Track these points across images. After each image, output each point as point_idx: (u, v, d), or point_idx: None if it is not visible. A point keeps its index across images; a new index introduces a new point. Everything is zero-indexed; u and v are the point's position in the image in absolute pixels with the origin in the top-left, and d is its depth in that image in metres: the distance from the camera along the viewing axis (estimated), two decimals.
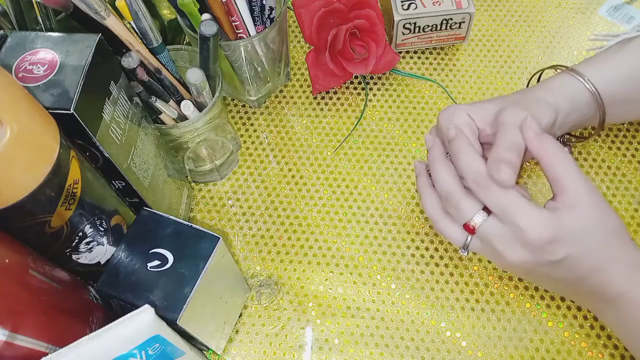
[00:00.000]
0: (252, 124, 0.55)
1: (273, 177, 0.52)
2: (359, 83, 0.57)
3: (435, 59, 0.59)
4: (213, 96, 0.45)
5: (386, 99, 0.56)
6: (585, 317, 0.43)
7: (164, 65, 0.43)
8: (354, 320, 0.45)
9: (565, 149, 0.37)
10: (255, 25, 0.49)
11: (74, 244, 0.34)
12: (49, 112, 0.30)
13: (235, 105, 0.57)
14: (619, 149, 0.51)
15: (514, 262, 0.37)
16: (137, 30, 0.42)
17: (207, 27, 0.41)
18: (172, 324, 0.34)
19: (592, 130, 0.46)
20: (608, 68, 0.43)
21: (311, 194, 0.51)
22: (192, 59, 0.48)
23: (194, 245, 0.36)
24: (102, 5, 0.36)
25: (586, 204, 0.35)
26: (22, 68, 0.32)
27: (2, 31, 0.34)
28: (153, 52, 0.42)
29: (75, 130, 0.32)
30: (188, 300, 0.34)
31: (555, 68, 0.46)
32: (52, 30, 0.40)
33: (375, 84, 0.57)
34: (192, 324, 0.36)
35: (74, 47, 0.33)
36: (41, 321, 0.30)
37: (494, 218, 0.36)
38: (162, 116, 0.43)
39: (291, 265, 0.47)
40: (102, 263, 0.37)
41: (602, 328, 0.43)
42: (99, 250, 0.36)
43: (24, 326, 0.28)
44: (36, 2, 0.39)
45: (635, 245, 0.37)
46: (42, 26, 0.40)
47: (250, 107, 0.56)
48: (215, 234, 0.37)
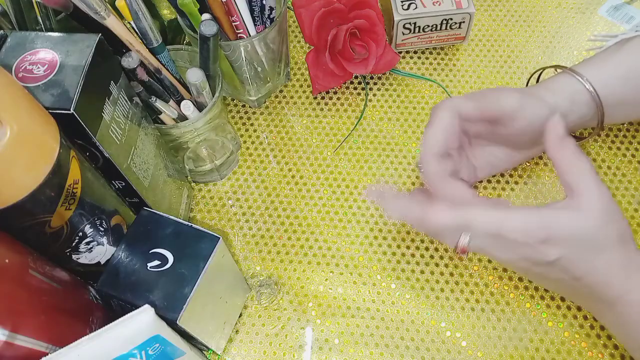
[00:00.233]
0: (252, 124, 0.55)
1: (273, 177, 0.52)
2: (359, 83, 0.57)
3: (435, 59, 0.59)
4: (213, 96, 0.45)
5: (386, 99, 0.56)
6: (585, 317, 0.43)
7: (164, 65, 0.43)
8: (354, 320, 0.45)
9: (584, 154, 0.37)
10: (255, 25, 0.49)
11: (74, 244, 0.34)
12: (49, 112, 0.30)
13: (235, 105, 0.57)
14: (619, 149, 0.51)
15: (509, 263, 0.38)
16: (137, 30, 0.42)
17: (207, 27, 0.41)
18: (172, 324, 0.34)
19: (592, 130, 0.46)
20: (607, 68, 0.43)
21: (311, 194, 0.51)
22: (192, 59, 0.48)
23: (194, 245, 0.36)
24: (102, 5, 0.36)
25: (593, 212, 0.35)
26: (22, 68, 0.32)
27: (2, 31, 0.34)
28: (153, 52, 0.42)
29: (75, 130, 0.32)
30: (188, 300, 0.34)
31: (555, 68, 0.46)
32: (52, 30, 0.40)
33: (375, 84, 0.57)
34: (192, 324, 0.36)
35: (74, 47, 0.33)
36: (41, 321, 0.30)
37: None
38: (162, 116, 0.43)
39: (291, 265, 0.47)
40: (102, 263, 0.37)
41: (602, 328, 0.43)
42: (99, 250, 0.36)
43: (24, 326, 0.28)
44: (36, 2, 0.39)
45: (638, 251, 0.37)
46: (42, 26, 0.40)
47: (250, 107, 0.56)
48: (215, 234, 0.37)
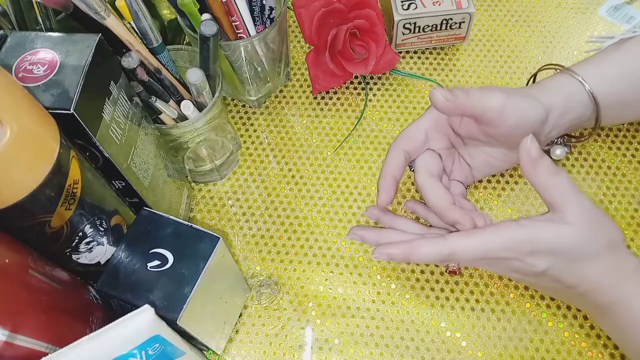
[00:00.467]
0: (252, 124, 0.55)
1: (273, 177, 0.52)
2: (359, 83, 0.57)
3: (435, 59, 0.59)
4: (213, 96, 0.45)
5: (386, 99, 0.56)
6: (585, 317, 0.43)
7: (164, 65, 0.43)
8: (354, 320, 0.45)
9: (562, 168, 0.38)
10: (255, 25, 0.49)
11: (74, 244, 0.34)
12: (49, 112, 0.30)
13: (235, 105, 0.57)
14: (619, 149, 0.51)
15: (502, 274, 0.38)
16: (137, 30, 0.42)
17: (207, 27, 0.41)
18: (172, 324, 0.34)
19: (591, 130, 0.46)
20: (604, 68, 0.43)
21: (311, 194, 0.51)
22: (192, 59, 0.48)
23: (194, 245, 0.36)
24: (102, 5, 0.36)
25: (576, 223, 0.35)
26: (22, 68, 0.32)
27: (2, 31, 0.34)
28: (153, 52, 0.42)
29: (75, 130, 0.32)
30: (188, 300, 0.34)
31: (555, 68, 0.46)
32: (52, 30, 0.40)
33: (375, 84, 0.57)
34: (192, 324, 0.36)
35: (74, 47, 0.33)
36: (41, 321, 0.30)
37: None
38: (162, 116, 0.43)
39: (291, 265, 0.47)
40: (102, 263, 0.37)
41: None
42: (99, 250, 0.36)
43: (24, 326, 0.28)
44: (36, 2, 0.39)
45: (631, 254, 0.37)
46: (42, 26, 0.40)
47: (250, 107, 0.56)
48: (215, 234, 0.37)
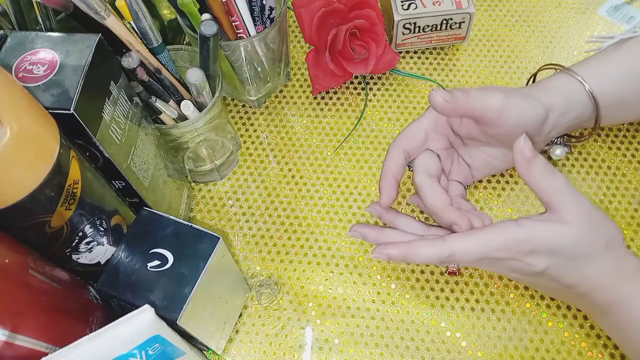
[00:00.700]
0: (252, 124, 0.55)
1: (273, 177, 0.52)
2: (359, 83, 0.57)
3: (435, 59, 0.59)
4: (213, 96, 0.45)
5: (386, 99, 0.56)
6: (585, 317, 0.43)
7: (164, 65, 0.43)
8: (354, 320, 0.45)
9: (557, 168, 0.38)
10: (255, 25, 0.49)
11: (74, 244, 0.34)
12: (49, 112, 0.30)
13: (235, 105, 0.57)
14: (619, 149, 0.51)
15: (501, 274, 0.38)
16: (137, 30, 0.42)
17: (207, 27, 0.41)
18: (172, 324, 0.34)
19: (591, 130, 0.46)
20: (604, 68, 0.43)
21: (311, 194, 0.51)
22: (192, 59, 0.48)
23: (194, 245, 0.36)
24: (102, 5, 0.36)
25: (574, 223, 0.35)
26: (22, 68, 0.32)
27: (2, 31, 0.34)
28: (153, 52, 0.42)
29: (75, 130, 0.32)
30: (188, 300, 0.34)
31: (555, 68, 0.46)
32: (52, 30, 0.40)
33: (375, 84, 0.57)
34: (192, 324, 0.36)
35: (74, 47, 0.33)
36: (41, 321, 0.30)
37: None
38: (162, 116, 0.43)
39: (291, 265, 0.47)
40: (102, 263, 0.37)
41: None
42: (99, 250, 0.36)
43: (24, 326, 0.28)
44: (36, 2, 0.39)
45: (630, 254, 0.37)
46: (42, 26, 0.40)
47: (250, 107, 0.56)
48: (215, 234, 0.37)
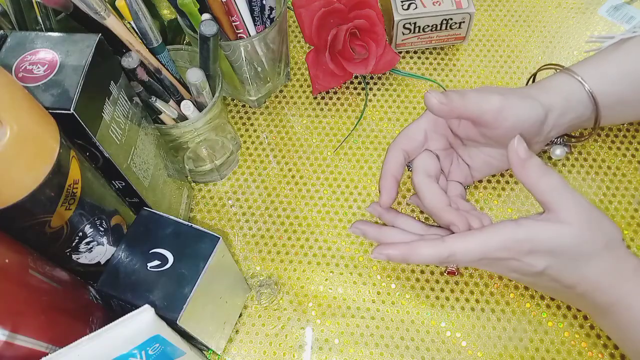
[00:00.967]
0: (252, 124, 0.55)
1: (273, 177, 0.52)
2: (359, 83, 0.57)
3: (435, 59, 0.59)
4: (213, 96, 0.45)
5: (386, 99, 0.56)
6: (585, 317, 0.43)
7: (164, 65, 0.43)
8: (354, 320, 0.45)
9: (552, 166, 0.38)
10: (255, 25, 0.49)
11: (74, 244, 0.34)
12: (49, 112, 0.30)
13: (235, 105, 0.57)
14: (619, 149, 0.51)
15: (501, 274, 0.38)
16: (137, 30, 0.42)
17: (207, 27, 0.41)
18: (172, 324, 0.34)
19: (591, 130, 0.46)
20: (603, 68, 0.43)
21: (311, 194, 0.51)
22: (192, 59, 0.48)
23: (194, 245, 0.36)
24: (102, 5, 0.36)
25: (573, 222, 0.35)
26: (22, 68, 0.32)
27: (2, 31, 0.34)
28: (153, 52, 0.42)
29: (75, 130, 0.32)
30: (188, 300, 0.34)
31: (555, 68, 0.46)
32: (52, 30, 0.40)
33: (375, 84, 0.57)
34: (192, 324, 0.36)
35: (74, 47, 0.33)
36: (41, 321, 0.30)
37: None
38: (162, 116, 0.43)
39: (291, 265, 0.47)
40: (102, 263, 0.37)
41: None
42: (99, 250, 0.36)
43: (24, 326, 0.28)
44: (36, 2, 0.39)
45: (630, 254, 0.37)
46: (42, 26, 0.40)
47: (250, 107, 0.56)
48: (215, 234, 0.37)
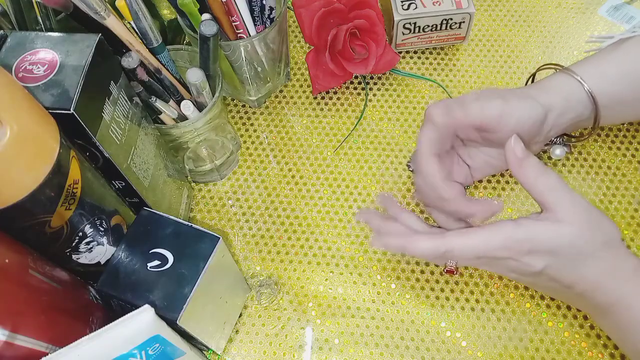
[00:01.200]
0: (252, 124, 0.55)
1: (273, 177, 0.52)
2: (359, 83, 0.57)
3: (435, 59, 0.59)
4: (213, 96, 0.45)
5: (386, 99, 0.56)
6: (585, 317, 0.43)
7: (164, 65, 0.43)
8: (354, 320, 0.45)
9: (550, 166, 0.38)
10: (255, 25, 0.49)
11: (74, 244, 0.34)
12: (49, 112, 0.30)
13: (235, 105, 0.57)
14: (619, 149, 0.51)
15: (500, 274, 0.38)
16: (137, 30, 0.42)
17: (207, 27, 0.41)
18: (172, 324, 0.34)
19: (590, 130, 0.46)
20: (603, 68, 0.43)
21: (311, 194, 0.51)
22: (192, 59, 0.48)
23: (194, 245, 0.36)
24: (102, 5, 0.36)
25: (572, 222, 0.35)
26: (22, 68, 0.32)
27: (2, 31, 0.34)
28: (153, 52, 0.42)
29: (75, 130, 0.32)
30: (188, 300, 0.34)
31: (554, 67, 0.46)
32: (52, 30, 0.40)
33: (375, 84, 0.57)
34: (192, 324, 0.36)
35: (74, 47, 0.33)
36: (41, 321, 0.30)
37: None
38: (162, 116, 0.43)
39: (291, 265, 0.47)
40: (102, 263, 0.37)
41: None
42: (99, 250, 0.36)
43: (24, 326, 0.28)
44: (36, 2, 0.39)
45: (629, 254, 0.37)
46: (42, 26, 0.40)
47: (250, 107, 0.56)
48: (215, 234, 0.37)
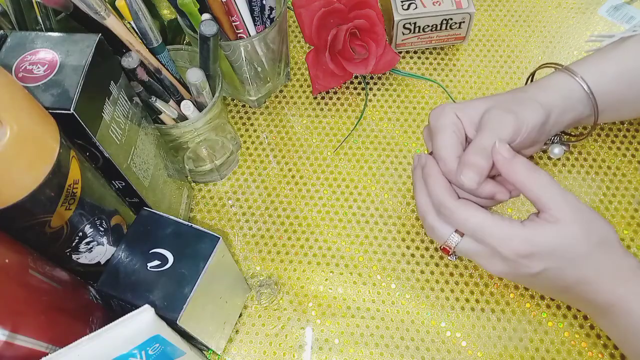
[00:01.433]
0: (252, 124, 0.55)
1: (273, 177, 0.52)
2: (359, 83, 0.57)
3: (435, 59, 0.59)
4: (213, 96, 0.45)
5: (386, 99, 0.56)
6: (585, 317, 0.43)
7: (164, 65, 0.43)
8: (354, 320, 0.45)
9: (541, 168, 0.38)
10: (255, 25, 0.49)
11: (74, 244, 0.34)
12: (49, 112, 0.30)
13: (235, 105, 0.57)
14: (619, 149, 0.51)
15: (494, 273, 0.38)
16: (137, 30, 0.42)
17: (207, 27, 0.41)
18: (172, 324, 0.34)
19: (590, 129, 0.46)
20: (602, 66, 0.43)
21: (311, 194, 0.51)
22: (192, 59, 0.48)
23: (194, 245, 0.36)
24: (102, 5, 0.36)
25: (568, 221, 0.35)
26: (22, 68, 0.32)
27: (2, 31, 0.34)
28: (153, 52, 0.42)
29: (75, 130, 0.32)
30: (188, 300, 0.34)
31: (554, 66, 0.46)
32: (52, 30, 0.40)
33: (375, 84, 0.57)
34: (192, 324, 0.36)
35: (74, 47, 0.33)
36: (41, 321, 0.30)
37: (468, 237, 0.37)
38: (162, 116, 0.43)
39: (291, 265, 0.47)
40: (102, 263, 0.37)
41: None
42: (99, 250, 0.36)
43: (24, 326, 0.28)
44: (36, 2, 0.39)
45: (627, 254, 0.37)
46: (42, 26, 0.40)
47: (250, 107, 0.56)
48: (215, 234, 0.37)
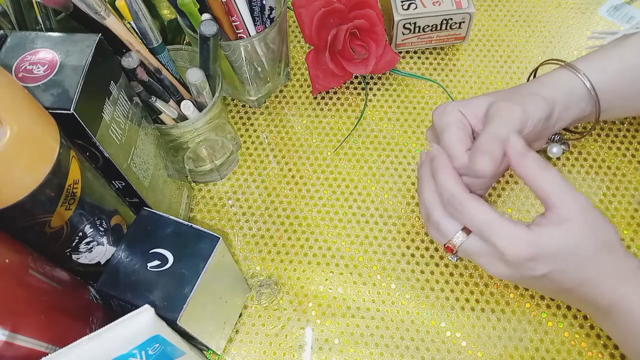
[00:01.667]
0: (252, 124, 0.55)
1: (273, 177, 0.52)
2: (359, 83, 0.57)
3: (435, 59, 0.59)
4: (213, 96, 0.45)
5: (386, 99, 0.56)
6: (585, 317, 0.43)
7: (164, 65, 0.43)
8: (354, 320, 0.45)
9: (551, 163, 0.37)
10: (255, 25, 0.49)
11: (74, 244, 0.34)
12: (49, 112, 0.30)
13: (235, 105, 0.57)
14: (619, 149, 0.51)
15: (496, 275, 0.37)
16: (137, 30, 0.42)
17: (207, 27, 0.41)
18: (172, 324, 0.34)
19: (592, 126, 0.46)
20: (604, 63, 0.43)
21: (311, 194, 0.51)
22: (192, 59, 0.48)
23: (194, 245, 0.36)
24: (102, 5, 0.36)
25: (575, 221, 0.35)
26: (22, 68, 0.32)
27: (2, 31, 0.34)
28: (153, 52, 0.42)
29: (75, 130, 0.32)
30: (188, 300, 0.34)
31: (557, 63, 0.46)
32: (52, 30, 0.40)
33: (375, 84, 0.57)
34: (192, 324, 0.36)
35: (74, 47, 0.33)
36: (41, 321, 0.30)
37: (474, 236, 0.37)
38: (162, 116, 0.43)
39: (291, 265, 0.47)
40: (102, 263, 0.37)
41: None
42: (99, 250, 0.36)
43: (24, 326, 0.29)
44: (36, 2, 0.39)
45: (629, 255, 0.37)
46: (42, 26, 0.40)
47: (250, 107, 0.56)
48: (215, 234, 0.37)
